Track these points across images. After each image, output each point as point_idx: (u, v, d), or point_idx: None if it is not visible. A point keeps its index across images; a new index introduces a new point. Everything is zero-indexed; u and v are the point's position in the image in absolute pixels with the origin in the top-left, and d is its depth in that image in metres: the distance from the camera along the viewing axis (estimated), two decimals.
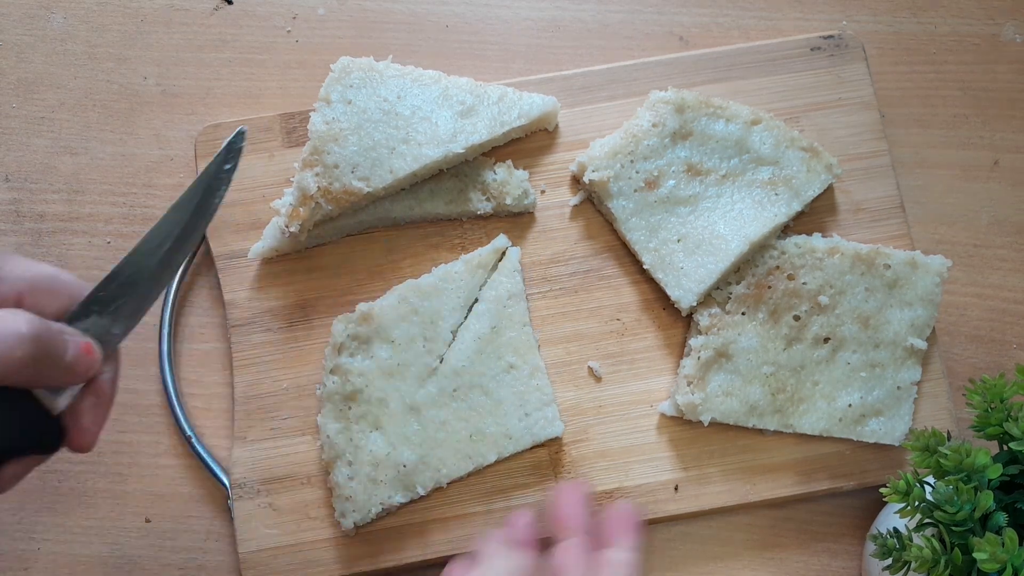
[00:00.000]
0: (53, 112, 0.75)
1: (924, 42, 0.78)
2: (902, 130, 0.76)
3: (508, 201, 0.69)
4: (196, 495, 0.69)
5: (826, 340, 0.67)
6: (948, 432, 0.56)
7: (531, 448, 0.66)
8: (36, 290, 0.47)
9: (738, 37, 0.77)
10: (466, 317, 0.67)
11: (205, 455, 0.67)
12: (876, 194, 0.72)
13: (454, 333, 0.67)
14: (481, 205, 0.70)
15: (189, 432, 0.68)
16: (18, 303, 0.46)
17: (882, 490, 0.53)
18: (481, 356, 0.66)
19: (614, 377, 0.69)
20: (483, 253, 0.69)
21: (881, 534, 0.53)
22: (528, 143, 0.72)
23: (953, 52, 0.77)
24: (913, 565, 0.51)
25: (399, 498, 0.64)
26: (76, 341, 0.47)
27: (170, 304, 0.69)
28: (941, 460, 0.52)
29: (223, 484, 0.67)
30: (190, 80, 0.76)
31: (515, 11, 0.78)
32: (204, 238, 0.70)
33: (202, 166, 0.70)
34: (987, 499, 0.50)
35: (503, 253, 0.69)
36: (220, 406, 0.70)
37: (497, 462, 0.65)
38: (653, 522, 0.67)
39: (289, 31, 0.77)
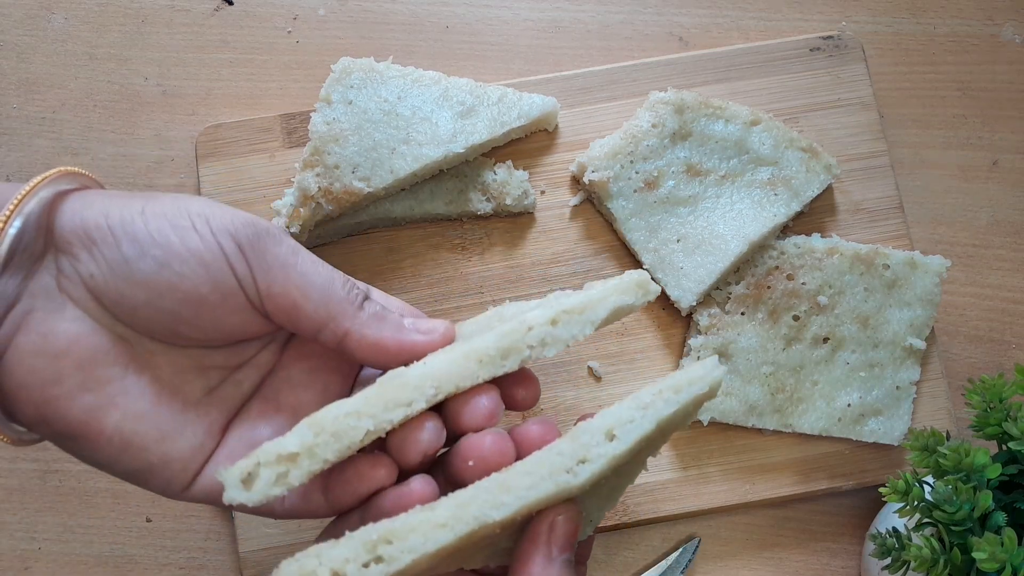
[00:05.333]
0: (54, 113, 0.75)
1: (923, 43, 0.78)
2: (901, 130, 0.76)
3: (508, 201, 0.70)
4: None
5: (825, 340, 0.67)
6: (947, 432, 0.56)
7: None
8: None
9: (737, 38, 0.77)
10: None
11: None
12: (875, 194, 0.72)
13: None
14: (481, 205, 0.70)
15: None
16: None
17: (881, 490, 0.53)
18: None
19: (614, 377, 0.69)
20: None
21: (880, 534, 0.53)
22: (528, 143, 0.73)
23: (952, 53, 0.77)
24: (912, 565, 0.51)
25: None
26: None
27: None
28: (940, 460, 0.52)
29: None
30: (191, 81, 0.76)
31: (515, 12, 0.78)
32: None
33: (202, 166, 0.71)
34: (986, 499, 0.50)
35: None
36: None
37: None
38: (653, 522, 0.67)
39: (290, 32, 0.77)
